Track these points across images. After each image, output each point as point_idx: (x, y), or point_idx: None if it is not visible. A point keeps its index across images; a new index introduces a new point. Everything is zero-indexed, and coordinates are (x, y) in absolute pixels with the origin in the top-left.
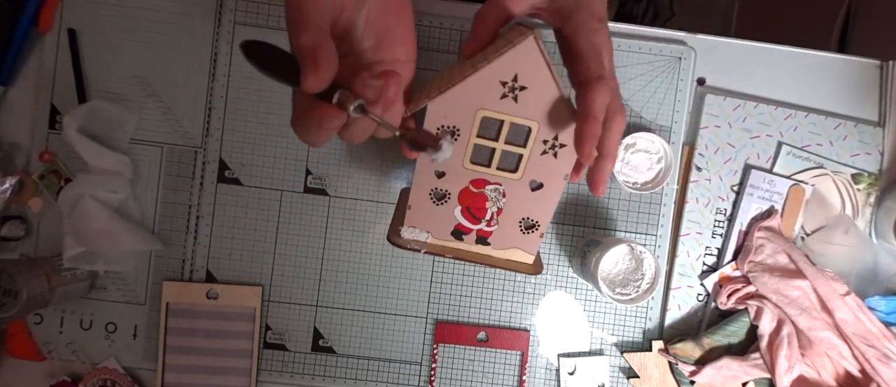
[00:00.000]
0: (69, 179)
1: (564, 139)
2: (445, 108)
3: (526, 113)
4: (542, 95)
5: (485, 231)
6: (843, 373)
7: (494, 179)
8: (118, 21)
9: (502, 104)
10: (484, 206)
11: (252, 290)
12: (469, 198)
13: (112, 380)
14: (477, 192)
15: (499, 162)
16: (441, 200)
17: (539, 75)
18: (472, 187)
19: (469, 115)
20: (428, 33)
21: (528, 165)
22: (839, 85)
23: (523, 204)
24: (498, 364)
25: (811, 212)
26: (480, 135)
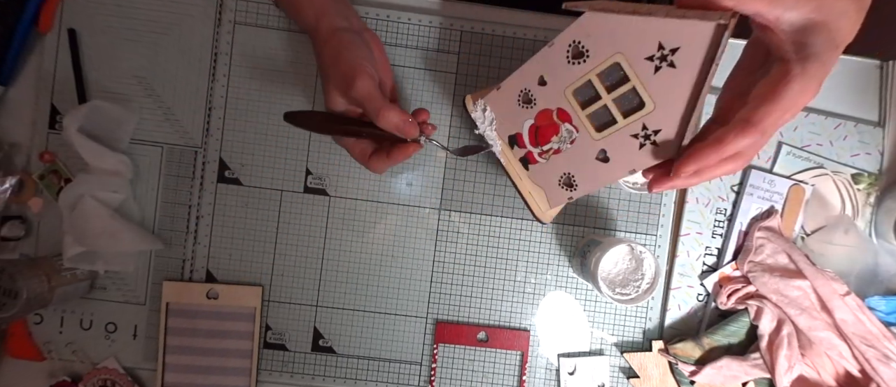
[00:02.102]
0: (69, 179)
1: (660, 139)
2: (596, 26)
3: (654, 89)
4: (680, 85)
5: (533, 157)
6: (843, 373)
7: (577, 122)
8: (118, 21)
9: (642, 64)
10: (550, 137)
11: (252, 290)
12: (546, 120)
13: (112, 380)
14: (555, 121)
15: (593, 112)
16: (526, 103)
17: (695, 65)
18: (555, 114)
19: (608, 50)
20: (428, 33)
21: (612, 135)
22: (839, 85)
23: (579, 163)
24: (498, 364)
25: (811, 212)
26: (600, 75)
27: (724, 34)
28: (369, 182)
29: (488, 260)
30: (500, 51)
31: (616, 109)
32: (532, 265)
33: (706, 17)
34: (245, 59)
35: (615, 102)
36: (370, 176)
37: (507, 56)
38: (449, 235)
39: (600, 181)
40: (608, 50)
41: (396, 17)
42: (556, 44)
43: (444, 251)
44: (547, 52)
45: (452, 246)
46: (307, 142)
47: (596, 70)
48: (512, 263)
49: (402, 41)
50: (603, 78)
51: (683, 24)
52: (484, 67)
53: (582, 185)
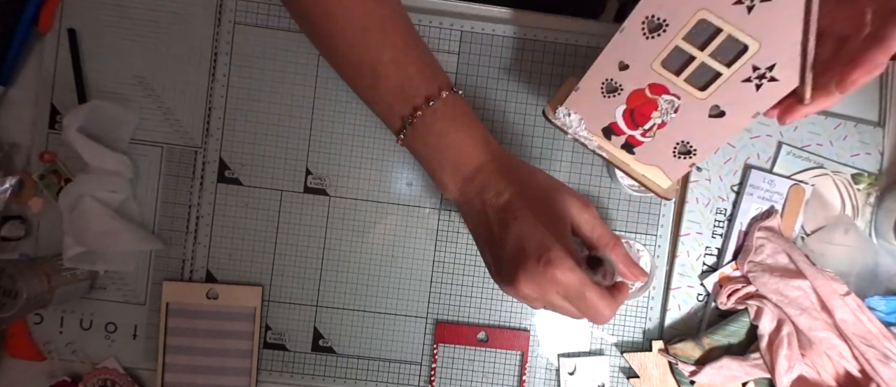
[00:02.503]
0: (69, 179)
1: (780, 73)
2: None
3: (753, 29)
4: (783, 15)
5: (636, 140)
6: (843, 373)
7: (675, 91)
8: (118, 21)
9: (731, 11)
10: (649, 115)
11: (252, 290)
12: (639, 100)
13: (112, 380)
14: (651, 97)
15: (691, 74)
16: (612, 93)
17: (792, 1)
18: (647, 91)
19: (688, 11)
20: (428, 33)
21: (720, 89)
22: None
23: (692, 127)
24: (498, 364)
25: (811, 212)
26: (687, 37)
27: None
28: (369, 182)
29: None
30: (501, 51)
31: (716, 62)
32: None
33: None
34: (245, 59)
35: (713, 56)
36: (370, 176)
37: (508, 56)
38: (449, 235)
39: (723, 137)
40: (688, 11)
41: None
42: (628, 26)
43: (444, 251)
44: (619, 38)
45: (452, 246)
46: (307, 142)
47: (680, 34)
48: None
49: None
50: (691, 39)
51: None
52: (484, 67)
53: (701, 147)
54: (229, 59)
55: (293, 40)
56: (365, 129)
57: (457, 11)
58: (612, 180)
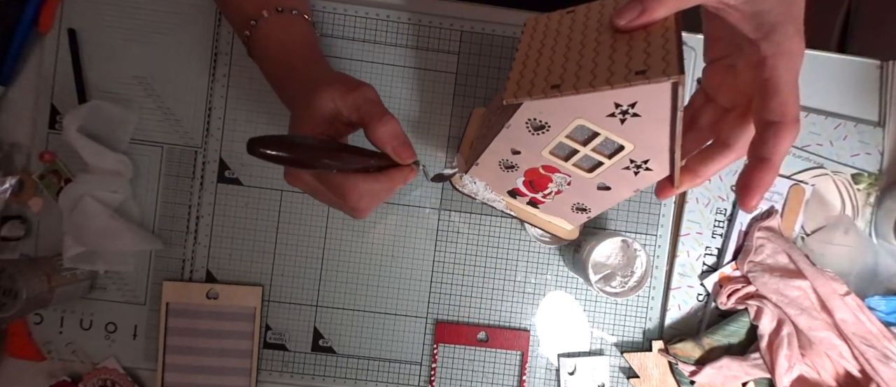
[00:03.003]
0: (69, 179)
1: (654, 166)
2: (543, 108)
3: (627, 135)
4: (652, 128)
5: (538, 200)
6: (842, 373)
7: (566, 171)
8: (118, 21)
9: (605, 121)
10: (546, 186)
11: (252, 290)
12: (535, 175)
13: (112, 380)
14: (545, 174)
15: (578, 161)
16: (509, 169)
17: (660, 115)
18: (541, 170)
19: (566, 119)
20: (428, 33)
21: (605, 172)
22: (839, 85)
23: (584, 195)
24: (498, 364)
25: (811, 212)
26: (570, 136)
27: (678, 90)
28: None
29: (488, 260)
30: (500, 51)
31: (598, 154)
32: (532, 265)
33: (652, 79)
34: (245, 59)
35: (595, 150)
36: None
37: (508, 56)
38: (449, 235)
39: (610, 203)
40: (566, 118)
41: (396, 17)
42: (513, 124)
43: (444, 251)
44: (507, 133)
45: (452, 246)
46: None
47: (562, 134)
48: (512, 263)
49: (401, 41)
50: (573, 137)
51: (633, 89)
52: (484, 67)
53: (594, 208)
54: (229, 60)
55: None
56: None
57: (457, 11)
58: (523, 231)
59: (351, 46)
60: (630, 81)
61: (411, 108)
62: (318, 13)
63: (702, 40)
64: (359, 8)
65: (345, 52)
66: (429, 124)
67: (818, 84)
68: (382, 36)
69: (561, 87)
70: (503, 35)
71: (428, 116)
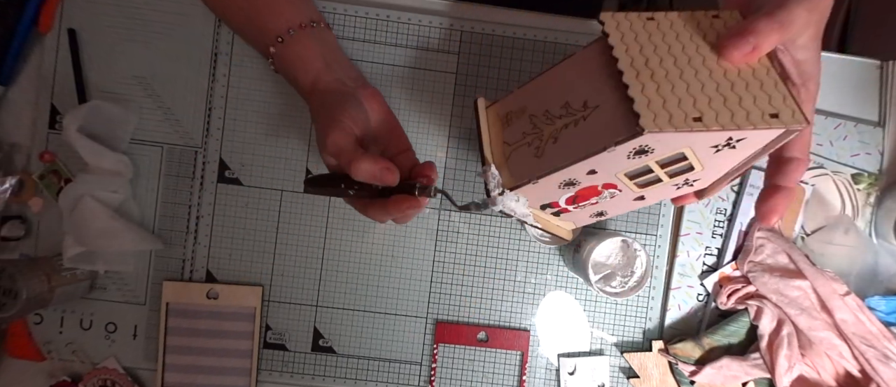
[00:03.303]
0: (69, 179)
1: (699, 183)
2: (666, 137)
3: (707, 160)
4: (730, 159)
5: (566, 210)
6: (842, 373)
7: (622, 187)
8: (118, 21)
9: (706, 151)
10: (590, 198)
11: (252, 290)
12: (587, 192)
13: (112, 380)
14: (600, 190)
15: (641, 180)
16: (568, 186)
17: (754, 148)
18: (600, 187)
19: (676, 147)
20: (428, 33)
21: (656, 187)
22: (839, 85)
23: (613, 205)
24: (498, 364)
25: (811, 212)
26: (658, 162)
27: (791, 135)
28: None
29: (488, 260)
30: (500, 51)
31: (666, 175)
32: (532, 265)
33: (788, 125)
34: (245, 59)
35: (668, 174)
36: None
37: (507, 56)
38: (449, 235)
39: (629, 209)
40: (677, 146)
41: (396, 17)
42: (618, 150)
43: (444, 251)
44: (605, 156)
45: (452, 246)
46: (307, 142)
47: (656, 159)
48: (512, 263)
49: (401, 41)
50: (662, 162)
51: (761, 131)
52: (484, 67)
53: (611, 214)
54: (229, 59)
55: None
56: None
57: (457, 11)
58: (523, 230)
59: (351, 46)
60: (769, 124)
61: (411, 108)
62: None
63: None
64: (359, 8)
65: (345, 53)
66: (429, 124)
67: None
68: (382, 36)
69: (704, 120)
70: (503, 35)
71: (428, 117)
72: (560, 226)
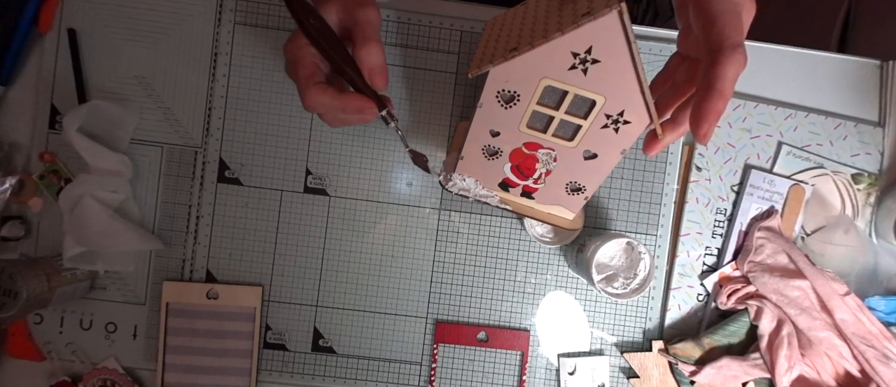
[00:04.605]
0: (69, 179)
1: (631, 117)
2: (508, 73)
3: (594, 86)
4: (615, 71)
5: (531, 187)
6: (842, 373)
7: (548, 145)
8: (118, 21)
9: (569, 75)
10: (534, 167)
11: (252, 290)
12: (520, 157)
13: (112, 380)
14: (529, 153)
15: (555, 129)
16: (493, 155)
17: (616, 52)
18: (524, 149)
19: (532, 82)
20: (428, 33)
21: (585, 136)
22: (839, 85)
23: (574, 169)
24: (498, 364)
25: (811, 212)
26: (541, 102)
27: (622, 17)
28: (369, 182)
29: (488, 260)
30: None
31: (573, 117)
32: (532, 265)
33: (597, 13)
34: (245, 59)
35: (569, 113)
36: (370, 176)
37: None
38: (449, 235)
39: (602, 173)
40: (532, 81)
41: (396, 18)
42: (484, 103)
43: (444, 251)
44: (481, 112)
45: (452, 246)
46: (307, 142)
47: (534, 101)
48: (512, 263)
49: (401, 41)
50: (544, 103)
51: (582, 30)
52: None
53: (588, 185)
54: (229, 59)
55: None
56: (365, 129)
57: (457, 11)
58: (523, 230)
59: None
60: (578, 23)
61: (411, 108)
62: None
63: None
64: None
65: None
66: (429, 124)
67: (818, 84)
68: (383, 36)
69: (518, 48)
70: None
71: (428, 116)
72: (558, 216)
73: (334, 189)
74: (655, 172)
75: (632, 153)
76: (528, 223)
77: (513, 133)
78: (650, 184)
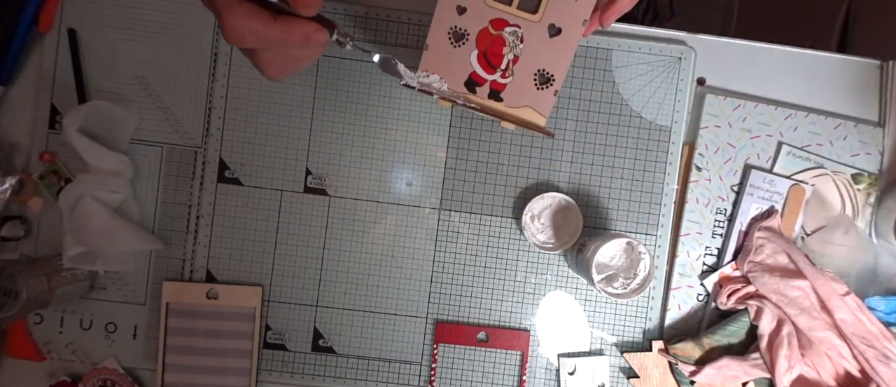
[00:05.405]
0: (69, 179)
1: None
2: None
3: None
4: None
5: (498, 84)
6: (842, 373)
7: (514, 21)
8: (118, 21)
9: None
10: (501, 52)
11: (252, 290)
12: (487, 40)
13: (112, 380)
14: (495, 33)
15: (520, 2)
16: (459, 40)
17: None
18: (491, 28)
19: None
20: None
21: (548, 6)
22: (839, 85)
23: (540, 52)
24: (498, 364)
25: (811, 212)
26: None
27: None
28: (369, 182)
29: (488, 260)
30: None
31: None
32: (532, 265)
33: None
34: (245, 59)
35: None
36: (370, 176)
37: None
38: (449, 235)
39: (568, 52)
40: None
41: (396, 17)
42: None
43: (444, 251)
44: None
45: (452, 246)
46: (307, 142)
47: None
48: (512, 263)
49: (402, 41)
50: None
51: None
52: None
53: (556, 69)
54: (229, 60)
55: None
56: (365, 129)
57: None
58: (522, 236)
59: None
60: None
61: (411, 108)
62: None
63: (702, 39)
64: (358, 8)
65: (344, 52)
66: (428, 124)
67: (818, 84)
68: (382, 36)
69: None
70: None
71: (428, 116)
72: (530, 120)
73: (334, 189)
74: (655, 173)
75: (632, 154)
76: (529, 232)
77: (479, 8)
78: (650, 184)
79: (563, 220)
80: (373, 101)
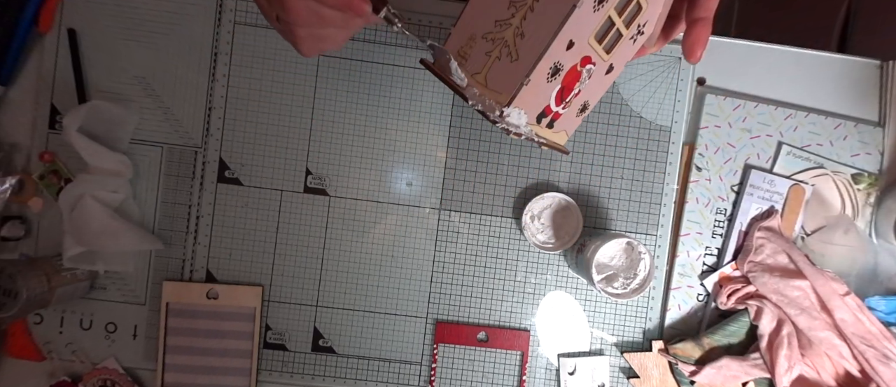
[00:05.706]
0: (69, 179)
1: (646, 28)
2: None
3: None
4: None
5: (558, 115)
6: (842, 373)
7: (595, 59)
8: (118, 21)
9: None
10: (573, 87)
11: (252, 290)
12: (571, 76)
13: (112, 380)
14: (578, 70)
15: (607, 41)
16: (554, 75)
17: None
18: (578, 65)
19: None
20: (428, 33)
21: (619, 47)
22: (839, 85)
23: (593, 86)
24: (498, 364)
25: (811, 212)
26: (617, 7)
27: None
28: (369, 182)
29: (488, 260)
30: None
31: (623, 25)
32: (532, 265)
33: None
34: (245, 59)
35: (624, 22)
36: (370, 176)
37: None
38: (449, 235)
39: (608, 86)
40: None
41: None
42: (584, 3)
43: (444, 251)
44: (578, 14)
45: (452, 246)
46: (307, 142)
47: (614, 5)
48: (512, 263)
49: (402, 41)
50: (618, 7)
51: None
52: None
53: (593, 100)
54: (229, 59)
55: None
56: (365, 129)
57: (457, 11)
58: (522, 236)
59: (351, 46)
60: None
61: (411, 107)
62: None
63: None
64: None
65: (344, 52)
66: (429, 124)
67: (818, 84)
68: (382, 36)
69: None
70: None
71: (428, 116)
72: (557, 142)
73: (334, 189)
74: (655, 173)
75: (632, 154)
76: (529, 232)
77: (582, 45)
78: (650, 184)
79: (563, 220)
80: (373, 101)
